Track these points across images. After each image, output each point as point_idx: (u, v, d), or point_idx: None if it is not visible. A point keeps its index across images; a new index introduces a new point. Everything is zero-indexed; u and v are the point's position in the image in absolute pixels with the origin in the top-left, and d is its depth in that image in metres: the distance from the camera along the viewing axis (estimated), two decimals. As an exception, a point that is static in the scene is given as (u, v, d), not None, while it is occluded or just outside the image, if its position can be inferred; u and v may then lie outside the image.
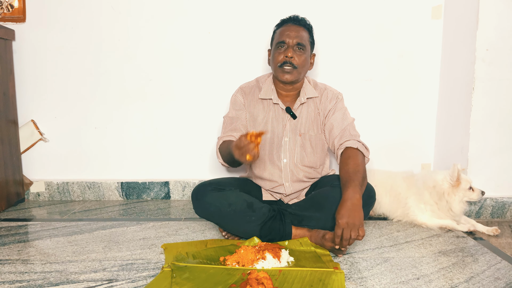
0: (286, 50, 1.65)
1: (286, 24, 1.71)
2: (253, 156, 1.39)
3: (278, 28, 1.74)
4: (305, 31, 1.70)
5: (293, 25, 1.69)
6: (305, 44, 1.67)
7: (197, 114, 2.27)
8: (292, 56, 1.64)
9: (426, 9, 2.21)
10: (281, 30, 1.70)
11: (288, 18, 1.73)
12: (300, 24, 1.70)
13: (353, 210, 1.40)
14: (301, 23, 1.71)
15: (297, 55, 1.65)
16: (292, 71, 1.65)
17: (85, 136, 2.29)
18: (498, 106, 1.96)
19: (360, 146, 1.63)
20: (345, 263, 1.44)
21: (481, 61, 1.93)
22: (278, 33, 1.71)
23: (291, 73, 1.65)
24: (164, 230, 1.77)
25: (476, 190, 1.80)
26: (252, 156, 1.39)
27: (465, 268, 1.41)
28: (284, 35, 1.66)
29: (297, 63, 1.65)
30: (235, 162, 1.59)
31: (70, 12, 2.19)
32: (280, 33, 1.69)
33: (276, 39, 1.71)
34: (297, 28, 1.68)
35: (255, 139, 1.39)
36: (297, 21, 1.71)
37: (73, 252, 1.52)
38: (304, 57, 1.67)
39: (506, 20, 1.92)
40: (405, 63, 2.25)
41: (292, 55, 1.64)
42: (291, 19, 1.72)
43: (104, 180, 2.30)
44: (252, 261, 1.36)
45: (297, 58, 1.65)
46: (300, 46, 1.66)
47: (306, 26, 1.72)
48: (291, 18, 1.73)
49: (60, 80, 2.24)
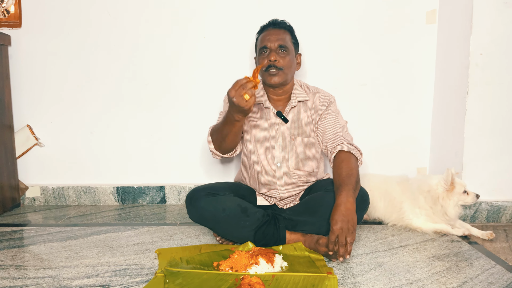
0: (269, 54, 1.66)
1: (266, 30, 1.73)
2: (251, 96, 1.38)
3: (259, 34, 1.76)
4: (286, 32, 1.72)
5: (273, 29, 1.71)
6: (287, 45, 1.68)
7: (193, 118, 2.28)
8: (275, 59, 1.65)
9: (421, 14, 2.22)
10: (262, 36, 1.72)
11: (268, 23, 1.76)
12: (280, 27, 1.72)
13: (346, 214, 1.41)
14: (281, 25, 1.73)
15: (280, 57, 1.67)
16: (278, 72, 1.66)
17: (80, 141, 2.29)
18: (492, 110, 1.97)
19: (353, 150, 1.63)
20: (339, 268, 1.44)
21: (475, 66, 1.94)
22: (260, 40, 1.73)
23: (278, 75, 1.66)
24: (158, 235, 1.77)
25: (471, 194, 1.80)
26: (251, 95, 1.38)
27: (459, 273, 1.41)
28: (265, 40, 1.68)
29: (282, 64, 1.66)
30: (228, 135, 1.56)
31: (66, 17, 2.20)
32: (262, 39, 1.71)
33: (258, 45, 1.73)
34: (277, 31, 1.70)
35: (253, 79, 1.40)
36: (277, 25, 1.73)
37: (67, 258, 1.52)
38: (288, 58, 1.68)
39: (499, 24, 1.93)
40: (400, 67, 2.26)
41: (275, 58, 1.65)
42: (270, 23, 1.75)
43: (100, 185, 2.30)
44: (246, 266, 1.36)
45: (281, 60, 1.66)
46: (283, 48, 1.67)
47: (286, 27, 1.74)
48: (270, 22, 1.75)
49: (56, 85, 2.25)
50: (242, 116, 1.48)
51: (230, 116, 1.49)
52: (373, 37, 2.23)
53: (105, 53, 2.23)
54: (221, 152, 1.67)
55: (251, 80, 1.40)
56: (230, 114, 1.48)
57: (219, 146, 1.64)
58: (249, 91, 1.39)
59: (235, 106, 1.42)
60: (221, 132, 1.58)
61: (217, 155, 1.69)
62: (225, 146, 1.63)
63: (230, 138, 1.59)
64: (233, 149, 1.68)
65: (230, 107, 1.46)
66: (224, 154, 1.68)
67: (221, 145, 1.63)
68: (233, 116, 1.47)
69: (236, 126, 1.53)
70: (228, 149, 1.65)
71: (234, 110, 1.45)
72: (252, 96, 1.40)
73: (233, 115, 1.47)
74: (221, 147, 1.64)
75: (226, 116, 1.52)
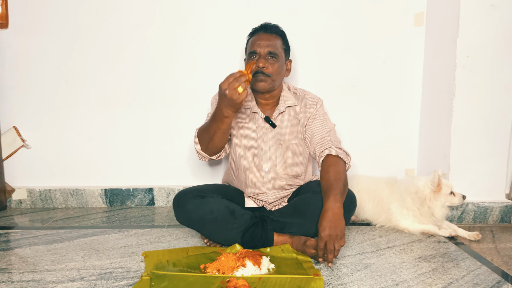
0: (258, 60, 1.63)
1: (257, 33, 1.69)
2: (244, 90, 1.39)
3: (250, 37, 1.73)
4: (278, 38, 1.69)
5: (264, 33, 1.68)
6: (277, 52, 1.65)
7: (182, 120, 2.27)
8: (264, 66, 1.62)
9: (409, 16, 2.23)
10: (252, 39, 1.69)
11: (259, 27, 1.72)
12: (271, 32, 1.68)
13: (334, 220, 1.41)
14: (272, 30, 1.69)
15: (269, 63, 1.64)
16: (266, 79, 1.64)
17: (68, 143, 2.27)
18: (479, 112, 1.99)
19: (341, 153, 1.63)
20: (326, 269, 1.44)
21: (462, 68, 1.96)
22: (250, 43, 1.70)
23: (265, 81, 1.64)
24: (146, 238, 1.76)
25: (457, 195, 1.82)
26: (244, 88, 1.38)
27: (444, 274, 1.41)
28: (255, 45, 1.65)
29: (270, 71, 1.63)
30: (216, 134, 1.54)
31: (53, 18, 2.18)
32: (252, 43, 1.68)
33: (248, 49, 1.70)
34: (268, 36, 1.66)
35: (246, 73, 1.40)
36: (268, 29, 1.69)
37: (52, 261, 1.50)
38: (277, 65, 1.65)
39: (486, 27, 1.94)
40: (389, 69, 2.27)
41: (264, 64, 1.62)
42: (262, 27, 1.71)
43: (88, 187, 2.28)
44: (232, 268, 1.35)
45: (270, 66, 1.63)
46: (272, 54, 1.64)
47: (279, 33, 1.71)
48: (262, 26, 1.72)
49: (43, 86, 2.22)
50: (232, 111, 1.46)
51: (219, 112, 1.46)
52: (362, 39, 2.24)
53: (93, 54, 2.21)
54: (208, 154, 1.64)
55: (245, 74, 1.40)
56: (219, 110, 1.46)
57: (206, 146, 1.61)
58: (242, 84, 1.39)
59: (226, 100, 1.41)
60: (209, 131, 1.56)
61: (203, 156, 1.66)
62: (213, 145, 1.60)
63: (218, 137, 1.56)
64: (220, 150, 1.66)
65: (220, 102, 1.44)
66: (211, 155, 1.65)
67: (209, 145, 1.60)
68: (222, 112, 1.46)
69: (224, 123, 1.50)
70: (215, 149, 1.62)
71: (225, 105, 1.43)
72: (245, 90, 1.40)
73: (223, 111, 1.45)
74: (208, 147, 1.61)
75: (215, 113, 1.49)
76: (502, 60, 1.96)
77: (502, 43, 1.95)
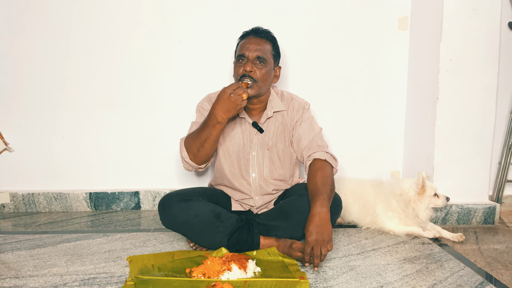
0: (246, 64, 1.61)
1: (247, 37, 1.68)
2: (245, 99, 1.53)
3: (240, 40, 1.71)
4: (268, 43, 1.67)
5: (254, 37, 1.66)
6: (266, 57, 1.63)
7: (168, 123, 2.26)
8: (251, 70, 1.60)
9: (393, 20, 2.26)
10: (242, 43, 1.67)
11: (250, 30, 1.70)
12: (262, 36, 1.67)
13: (321, 225, 1.41)
14: (263, 35, 1.67)
15: (257, 68, 1.61)
16: (252, 85, 1.61)
17: (52, 146, 2.24)
18: (462, 115, 2.02)
19: (328, 157, 1.63)
20: (311, 272, 1.44)
21: (445, 71, 1.98)
22: (239, 46, 1.68)
23: (251, 87, 1.61)
24: (131, 242, 1.74)
25: (441, 197, 1.84)
26: (247, 96, 1.54)
27: (428, 275, 1.43)
28: (244, 48, 1.64)
29: (257, 77, 1.61)
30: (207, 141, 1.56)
31: (37, 19, 2.15)
32: (241, 46, 1.66)
33: (237, 52, 1.68)
34: (259, 40, 1.65)
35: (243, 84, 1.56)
36: (259, 34, 1.67)
37: (35, 266, 1.47)
38: (265, 70, 1.63)
39: (468, 31, 1.98)
40: (374, 73, 2.29)
41: (251, 69, 1.60)
42: (253, 31, 1.69)
43: (72, 190, 2.25)
44: (218, 272, 1.35)
45: (257, 71, 1.61)
46: (261, 59, 1.62)
47: (269, 38, 1.69)
48: (253, 30, 1.70)
49: (27, 88, 2.19)
50: (228, 116, 1.50)
51: (213, 118, 1.46)
52: (348, 42, 2.26)
53: (78, 56, 2.19)
54: (197, 162, 1.62)
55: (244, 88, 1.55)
56: (213, 116, 1.45)
57: (195, 154, 1.59)
58: (245, 93, 1.52)
59: (228, 103, 1.47)
60: (200, 138, 1.55)
61: (190, 165, 1.64)
62: (203, 153, 1.58)
63: (210, 144, 1.55)
64: (209, 159, 1.65)
65: (218, 106, 1.45)
66: (200, 164, 1.63)
67: (199, 153, 1.58)
68: (216, 118, 1.46)
69: (217, 130, 1.52)
70: (205, 157, 1.61)
71: (224, 109, 1.47)
72: (245, 100, 1.52)
73: (217, 116, 1.45)
74: (198, 155, 1.59)
75: (208, 119, 1.50)
76: (484, 64, 1.99)
77: (484, 47, 1.99)
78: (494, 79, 2.01)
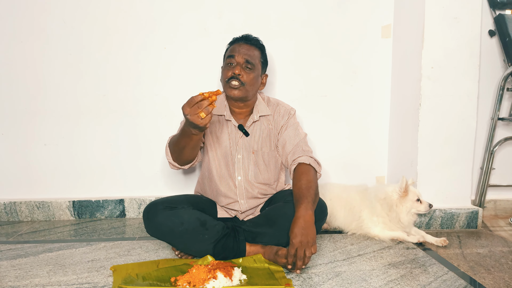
0: (235, 67, 1.65)
1: (237, 43, 1.72)
2: (207, 114, 1.32)
3: (230, 45, 1.75)
4: (257, 50, 1.72)
5: (244, 43, 1.70)
6: (254, 63, 1.67)
7: (153, 129, 2.24)
8: (239, 73, 1.64)
9: (376, 28, 2.29)
10: (232, 47, 1.71)
11: (240, 37, 1.75)
12: (251, 43, 1.71)
13: (305, 227, 1.42)
14: (253, 42, 1.72)
15: (245, 72, 1.65)
16: (240, 87, 1.64)
17: (34, 153, 2.20)
18: (444, 121, 2.05)
19: (312, 162, 1.65)
20: (297, 278, 1.44)
21: (427, 79, 2.02)
22: (229, 50, 1.72)
23: (239, 89, 1.65)
24: (115, 251, 1.72)
25: (424, 203, 1.86)
26: (207, 113, 1.32)
27: (412, 280, 1.44)
28: (234, 51, 1.68)
29: (245, 80, 1.65)
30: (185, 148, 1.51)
31: (19, 25, 2.12)
32: (231, 50, 1.70)
33: (226, 55, 1.72)
34: (248, 47, 1.69)
35: (209, 96, 1.32)
36: (249, 40, 1.72)
37: (16, 277, 1.44)
38: (253, 75, 1.67)
39: (450, 39, 2.02)
40: (359, 80, 2.32)
41: (239, 72, 1.64)
42: (243, 37, 1.74)
43: (55, 199, 2.21)
44: (204, 280, 1.34)
45: (245, 75, 1.65)
46: (249, 64, 1.66)
47: (258, 45, 1.74)
48: (243, 36, 1.74)
49: (8, 95, 2.15)
50: (198, 131, 1.43)
51: (187, 129, 1.45)
52: (333, 50, 2.28)
53: (60, 62, 2.16)
54: (179, 164, 1.64)
55: (207, 98, 1.34)
56: (187, 128, 1.45)
57: (176, 157, 1.61)
58: (205, 110, 1.33)
59: (189, 123, 1.38)
60: (178, 145, 1.55)
61: (175, 166, 1.65)
62: (183, 158, 1.60)
63: (188, 151, 1.56)
64: (192, 161, 1.65)
65: (185, 122, 1.42)
66: (183, 165, 1.65)
67: (179, 157, 1.59)
68: (190, 130, 1.45)
69: (193, 140, 1.50)
70: (186, 161, 1.62)
71: (190, 126, 1.40)
72: (209, 114, 1.34)
73: (190, 129, 1.44)
74: (179, 158, 1.60)
75: (183, 129, 1.48)
76: (465, 71, 2.04)
77: (465, 55, 2.03)
78: (475, 85, 2.05)
